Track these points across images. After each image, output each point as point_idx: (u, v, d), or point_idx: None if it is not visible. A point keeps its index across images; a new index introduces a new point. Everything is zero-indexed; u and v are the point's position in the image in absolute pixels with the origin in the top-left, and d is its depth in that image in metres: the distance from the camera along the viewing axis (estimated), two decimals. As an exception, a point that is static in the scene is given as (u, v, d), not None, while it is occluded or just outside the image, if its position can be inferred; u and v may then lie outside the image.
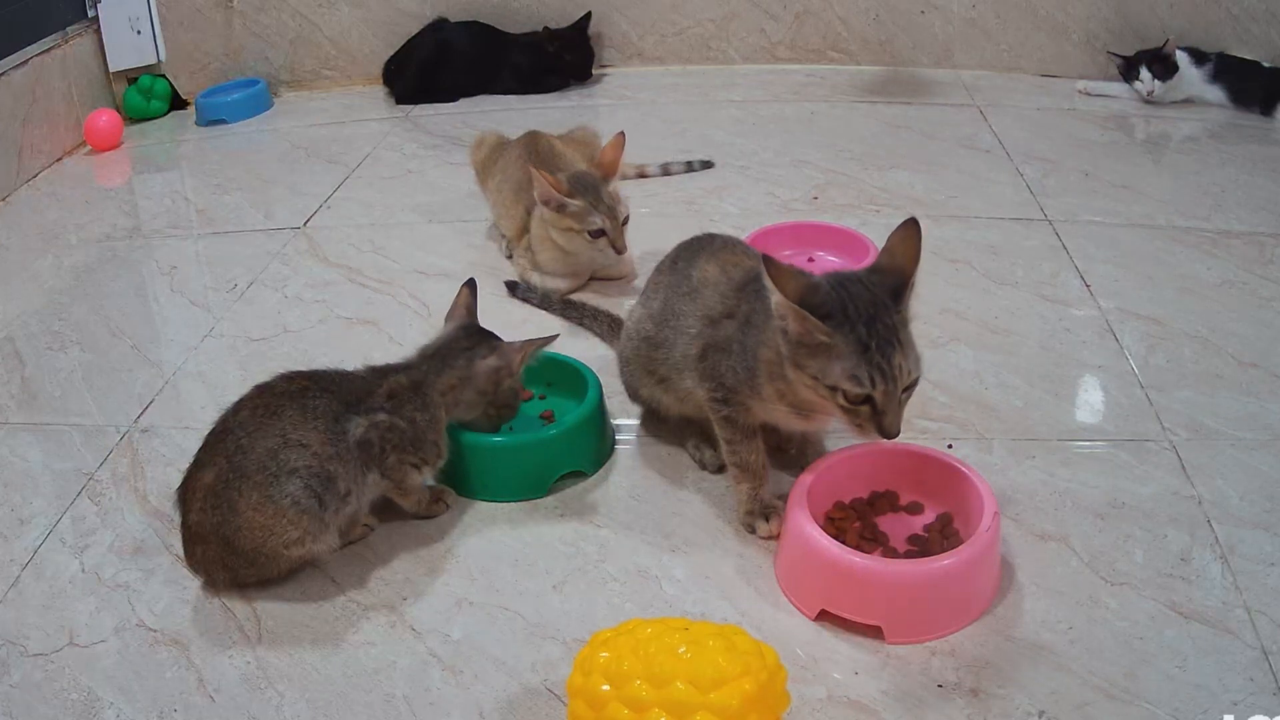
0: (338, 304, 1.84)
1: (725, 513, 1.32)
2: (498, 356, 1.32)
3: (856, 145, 2.36)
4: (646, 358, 1.35)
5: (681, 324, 1.29)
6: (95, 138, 2.62)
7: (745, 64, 2.90)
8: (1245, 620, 1.12)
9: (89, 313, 1.87)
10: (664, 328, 1.31)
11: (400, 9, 2.88)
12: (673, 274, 1.35)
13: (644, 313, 1.37)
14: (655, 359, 1.33)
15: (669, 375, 1.32)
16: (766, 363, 1.18)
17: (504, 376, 1.32)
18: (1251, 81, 2.45)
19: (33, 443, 1.54)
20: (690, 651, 0.95)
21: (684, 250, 1.38)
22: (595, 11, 2.82)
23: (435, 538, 1.31)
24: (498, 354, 1.32)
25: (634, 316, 1.41)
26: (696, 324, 1.27)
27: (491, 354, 1.32)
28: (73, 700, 1.11)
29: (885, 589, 1.12)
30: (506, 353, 1.33)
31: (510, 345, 1.34)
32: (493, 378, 1.32)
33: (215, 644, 1.17)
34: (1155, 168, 2.24)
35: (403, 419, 1.25)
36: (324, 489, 1.18)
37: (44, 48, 2.55)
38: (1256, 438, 1.39)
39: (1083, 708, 1.04)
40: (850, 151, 2.33)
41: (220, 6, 2.88)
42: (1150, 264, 1.82)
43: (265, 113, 2.83)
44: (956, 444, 1.40)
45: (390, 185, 2.32)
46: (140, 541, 1.33)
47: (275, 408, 1.20)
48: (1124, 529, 1.25)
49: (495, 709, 1.08)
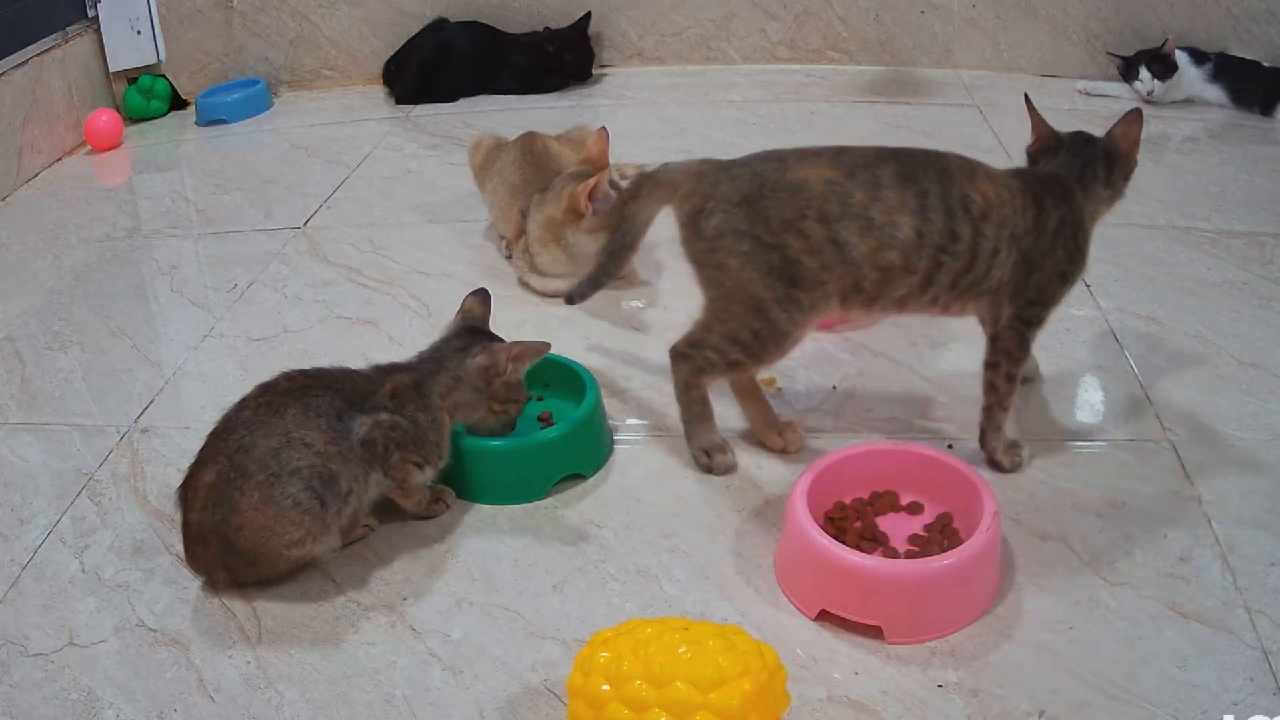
0: (338, 304, 1.84)
1: (725, 513, 1.32)
2: (487, 355, 1.31)
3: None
4: (877, 282, 1.25)
5: (979, 246, 1.24)
6: (95, 138, 2.62)
7: (745, 64, 2.90)
8: (1245, 620, 1.12)
9: (89, 313, 1.87)
10: (941, 253, 1.23)
11: (400, 9, 2.88)
12: (919, 196, 1.22)
13: (879, 240, 1.23)
14: (901, 285, 1.25)
15: (911, 299, 1.26)
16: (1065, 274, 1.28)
17: (493, 376, 1.31)
18: (1251, 81, 2.45)
19: (33, 443, 1.54)
20: (690, 651, 0.95)
21: (909, 167, 1.25)
22: (595, 11, 2.82)
23: (435, 538, 1.31)
24: (487, 353, 1.31)
25: (868, 242, 1.24)
26: (1004, 245, 1.25)
27: (482, 353, 1.31)
28: (73, 700, 1.11)
29: (885, 589, 1.12)
30: (495, 352, 1.31)
31: (499, 345, 1.33)
32: (483, 376, 1.31)
33: (215, 644, 1.17)
34: (1155, 168, 2.24)
35: (405, 418, 1.25)
36: (326, 489, 1.18)
37: (44, 48, 2.55)
38: (1256, 438, 1.39)
39: (1083, 708, 1.04)
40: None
41: (220, 6, 2.88)
42: (1150, 264, 1.82)
43: (265, 113, 2.83)
44: (956, 444, 1.40)
45: (390, 185, 2.32)
46: (140, 541, 1.33)
47: (278, 406, 1.20)
48: (1124, 529, 1.25)
49: (495, 709, 1.08)
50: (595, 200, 1.69)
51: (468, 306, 1.39)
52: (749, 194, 1.25)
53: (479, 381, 1.31)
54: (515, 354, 1.32)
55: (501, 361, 1.31)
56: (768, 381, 1.56)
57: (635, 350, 1.66)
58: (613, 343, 1.68)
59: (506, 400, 1.33)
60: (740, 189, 1.25)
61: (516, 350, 1.32)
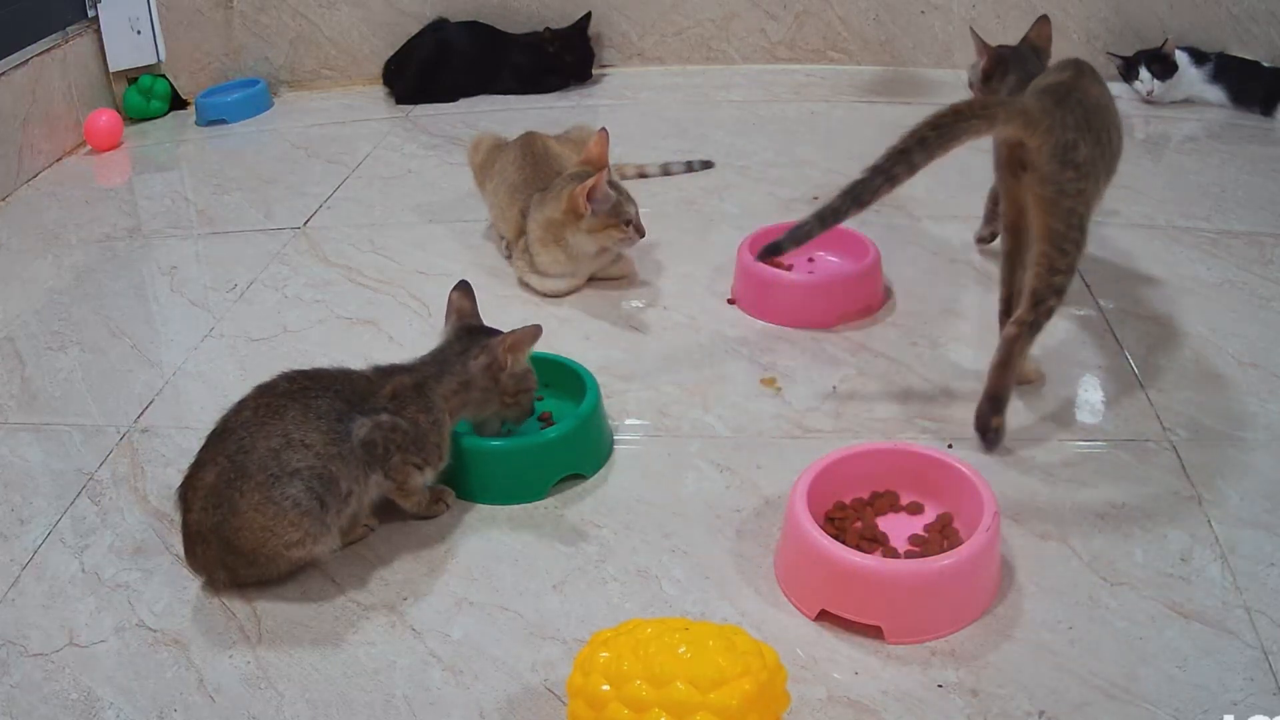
0: (338, 304, 1.84)
1: (725, 513, 1.32)
2: (486, 354, 1.32)
3: (856, 145, 2.35)
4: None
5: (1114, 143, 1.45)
6: (95, 138, 2.62)
7: (745, 64, 2.90)
8: (1245, 620, 1.12)
9: (89, 313, 1.87)
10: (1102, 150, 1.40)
11: (400, 9, 2.88)
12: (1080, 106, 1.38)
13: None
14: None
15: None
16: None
17: (496, 371, 1.32)
18: (1251, 81, 2.45)
19: (33, 443, 1.54)
20: (690, 651, 0.95)
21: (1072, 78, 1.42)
22: (595, 11, 2.82)
23: (435, 538, 1.31)
24: (486, 351, 1.32)
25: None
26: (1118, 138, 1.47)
27: (482, 353, 1.32)
28: (73, 700, 1.11)
29: (885, 589, 1.12)
30: (491, 348, 1.32)
31: (494, 340, 1.33)
32: (488, 374, 1.32)
33: (215, 644, 1.17)
34: (1155, 168, 2.24)
35: (405, 419, 1.25)
36: (325, 490, 1.18)
37: (44, 48, 2.55)
38: (1256, 438, 1.39)
39: (1083, 708, 1.04)
40: (850, 151, 2.32)
41: (220, 6, 2.88)
42: (1150, 264, 1.82)
43: (265, 113, 2.83)
44: (956, 444, 1.40)
45: (390, 185, 2.32)
46: (140, 541, 1.33)
47: (277, 407, 1.20)
48: (1124, 529, 1.25)
49: (495, 709, 1.08)
50: (594, 201, 1.70)
51: (457, 304, 1.39)
52: (1084, 121, 1.36)
53: (486, 380, 1.32)
54: (510, 344, 1.32)
55: (500, 356, 1.32)
56: (768, 382, 1.56)
57: (635, 350, 1.66)
58: (613, 343, 1.69)
59: (517, 391, 1.34)
60: (1079, 118, 1.36)
61: (510, 340, 1.32)
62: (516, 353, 1.33)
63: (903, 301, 1.74)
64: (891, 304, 1.74)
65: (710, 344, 1.67)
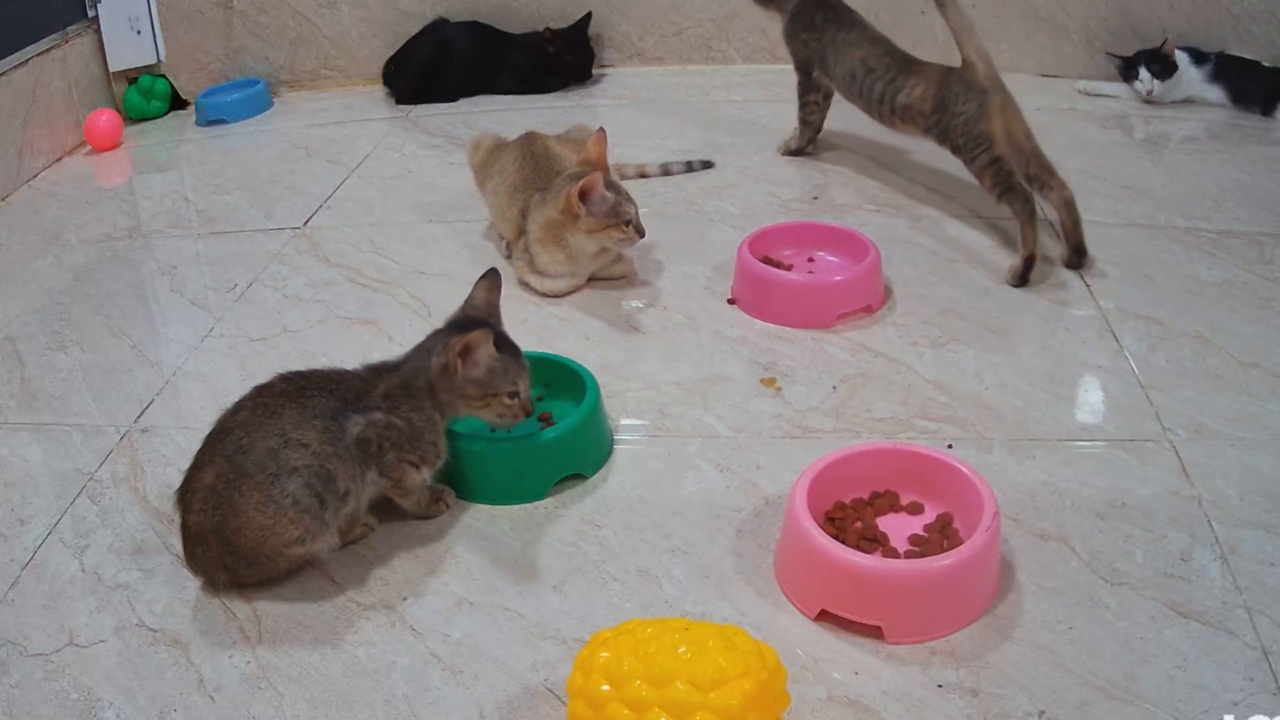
0: (338, 304, 1.84)
1: (725, 512, 1.32)
2: (442, 355, 1.26)
3: (856, 145, 2.36)
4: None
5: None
6: (95, 138, 2.62)
7: (745, 64, 2.90)
8: (1245, 620, 1.12)
9: (89, 313, 1.87)
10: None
11: (400, 9, 2.88)
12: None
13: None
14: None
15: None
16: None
17: (451, 372, 1.26)
18: (1251, 81, 2.45)
19: (33, 443, 1.54)
20: (690, 651, 0.95)
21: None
22: (595, 11, 2.82)
23: (435, 538, 1.31)
24: (444, 352, 1.26)
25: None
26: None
27: (443, 353, 1.26)
28: (73, 700, 1.11)
29: (885, 589, 1.12)
30: (446, 351, 1.25)
31: (451, 342, 1.25)
32: (447, 374, 1.26)
33: (215, 644, 1.17)
34: (1155, 168, 2.24)
35: (399, 417, 1.25)
36: (324, 488, 1.18)
37: (44, 48, 2.55)
38: (1256, 438, 1.39)
39: (1083, 708, 1.04)
40: (850, 151, 2.33)
41: (220, 6, 2.88)
42: (1150, 264, 1.82)
43: (265, 113, 2.83)
44: (956, 444, 1.40)
45: (390, 185, 2.32)
46: (140, 541, 1.33)
47: (274, 408, 1.20)
48: (1124, 529, 1.25)
49: (495, 709, 1.08)
50: (589, 201, 1.69)
51: (473, 294, 1.36)
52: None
53: (445, 382, 1.27)
54: (459, 350, 1.24)
55: (451, 360, 1.25)
56: (768, 381, 1.56)
57: (635, 350, 1.66)
58: (613, 343, 1.69)
59: (484, 396, 1.27)
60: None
61: (459, 346, 1.24)
62: (467, 357, 1.25)
63: (903, 301, 1.74)
64: (891, 304, 1.74)
65: (710, 344, 1.67)
